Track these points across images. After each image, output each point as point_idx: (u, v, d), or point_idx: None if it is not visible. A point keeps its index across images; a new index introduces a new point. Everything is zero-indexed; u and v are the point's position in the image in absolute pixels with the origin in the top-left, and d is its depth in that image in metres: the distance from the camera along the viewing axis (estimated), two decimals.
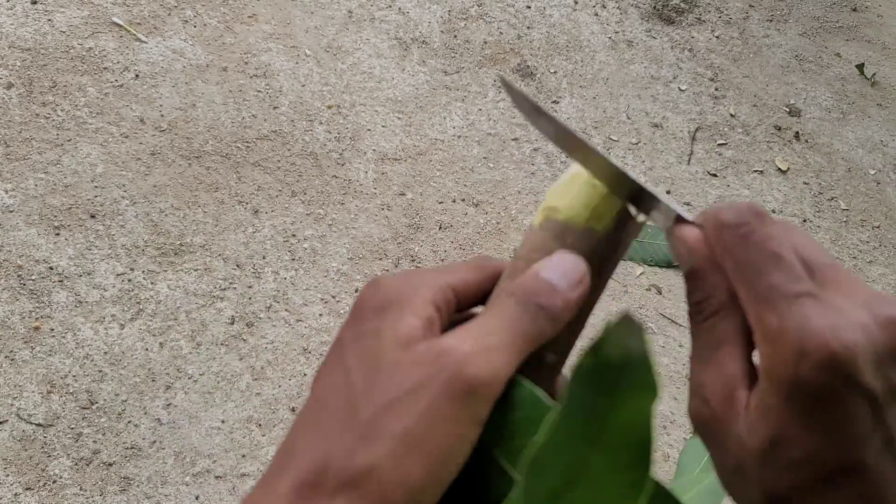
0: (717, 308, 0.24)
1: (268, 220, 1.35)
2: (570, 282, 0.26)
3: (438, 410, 0.22)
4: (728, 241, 0.24)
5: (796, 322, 0.21)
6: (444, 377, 0.22)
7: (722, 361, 0.24)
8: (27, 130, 1.35)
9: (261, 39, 1.60)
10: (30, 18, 1.48)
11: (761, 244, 0.23)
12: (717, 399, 0.23)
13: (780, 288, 0.22)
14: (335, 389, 0.24)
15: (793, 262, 0.23)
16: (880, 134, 1.81)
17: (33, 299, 1.17)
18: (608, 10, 1.92)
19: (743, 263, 0.23)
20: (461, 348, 0.22)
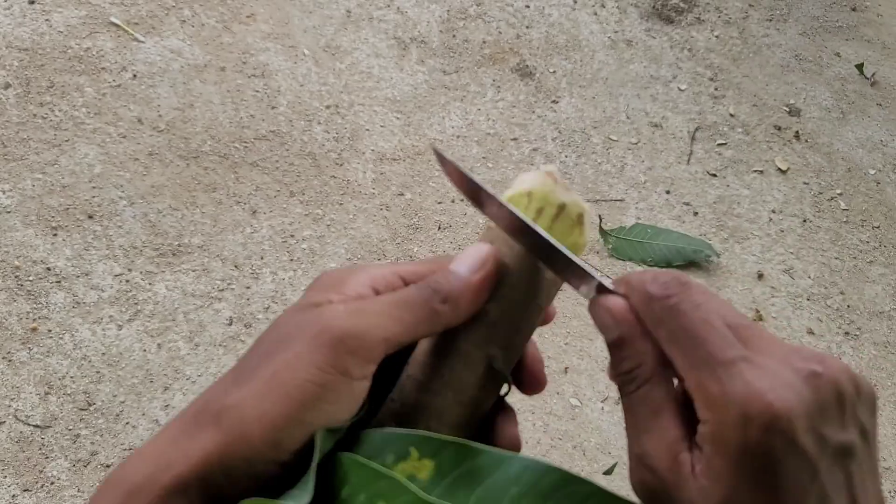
0: (649, 375, 0.25)
1: (266, 220, 1.35)
2: (470, 266, 0.27)
3: (303, 357, 0.23)
4: (658, 313, 0.25)
5: (737, 388, 0.22)
6: (313, 329, 0.24)
7: (663, 428, 0.24)
8: (24, 131, 1.34)
9: (259, 39, 1.60)
10: (27, 18, 1.48)
11: (691, 314, 0.24)
12: (664, 466, 0.24)
13: (717, 355, 0.23)
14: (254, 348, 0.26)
15: (723, 328, 0.24)
16: (880, 134, 1.81)
17: (31, 300, 1.17)
18: (607, 10, 1.91)
19: (676, 334, 0.24)
20: (336, 310, 0.24)
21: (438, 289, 0.26)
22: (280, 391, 0.23)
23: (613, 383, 0.28)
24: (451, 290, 0.26)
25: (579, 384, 1.26)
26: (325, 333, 0.23)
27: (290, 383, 0.23)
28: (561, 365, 1.28)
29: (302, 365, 0.23)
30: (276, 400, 0.23)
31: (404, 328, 0.25)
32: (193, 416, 0.24)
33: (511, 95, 1.68)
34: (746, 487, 0.22)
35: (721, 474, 0.22)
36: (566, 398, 1.24)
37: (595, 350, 1.31)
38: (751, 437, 0.22)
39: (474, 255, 0.27)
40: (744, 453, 0.22)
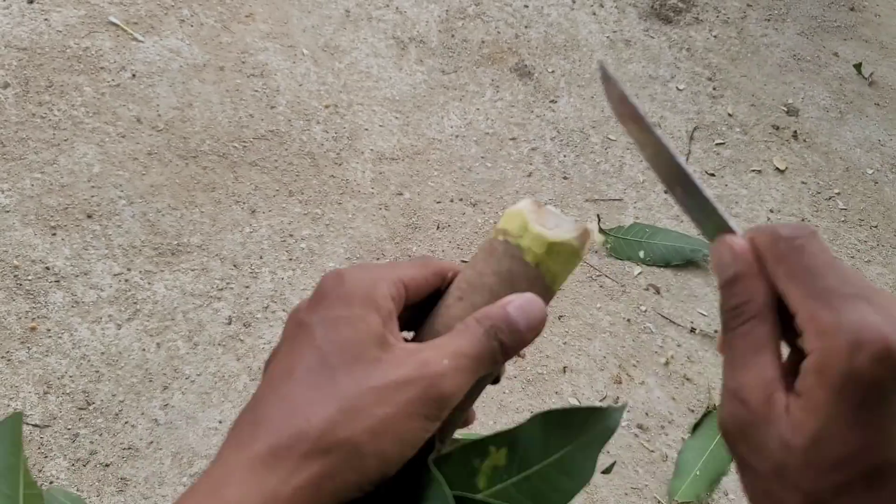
0: (755, 312, 0.26)
1: (265, 219, 1.35)
2: (530, 324, 0.29)
3: (415, 407, 0.25)
4: (784, 250, 0.26)
5: (853, 317, 0.22)
6: (424, 383, 0.25)
7: (761, 364, 0.25)
8: (23, 130, 1.34)
9: (258, 39, 1.60)
10: (26, 18, 1.48)
11: (816, 254, 0.25)
12: (757, 401, 0.24)
13: (837, 289, 0.24)
14: (309, 367, 0.26)
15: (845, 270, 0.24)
16: (878, 133, 1.81)
17: (30, 299, 1.17)
18: (606, 10, 1.91)
19: (798, 268, 0.25)
20: (440, 362, 0.26)
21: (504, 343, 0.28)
22: (397, 434, 0.25)
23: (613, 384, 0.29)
24: (512, 345, 0.28)
25: (578, 384, 1.27)
26: (434, 389, 0.25)
27: (405, 428, 0.25)
28: (559, 364, 1.28)
29: (414, 415, 0.25)
30: (393, 442, 0.25)
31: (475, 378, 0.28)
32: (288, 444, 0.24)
33: (510, 95, 1.68)
34: (844, 421, 0.22)
35: (819, 406, 0.22)
36: (565, 398, 1.25)
37: (594, 350, 1.31)
38: (859, 366, 0.22)
39: (535, 312, 0.29)
40: (848, 383, 0.22)
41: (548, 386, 1.25)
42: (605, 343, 1.33)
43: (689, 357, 1.35)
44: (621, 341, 1.34)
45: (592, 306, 1.38)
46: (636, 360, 1.32)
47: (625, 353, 1.32)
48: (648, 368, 1.31)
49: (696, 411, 1.28)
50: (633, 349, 1.33)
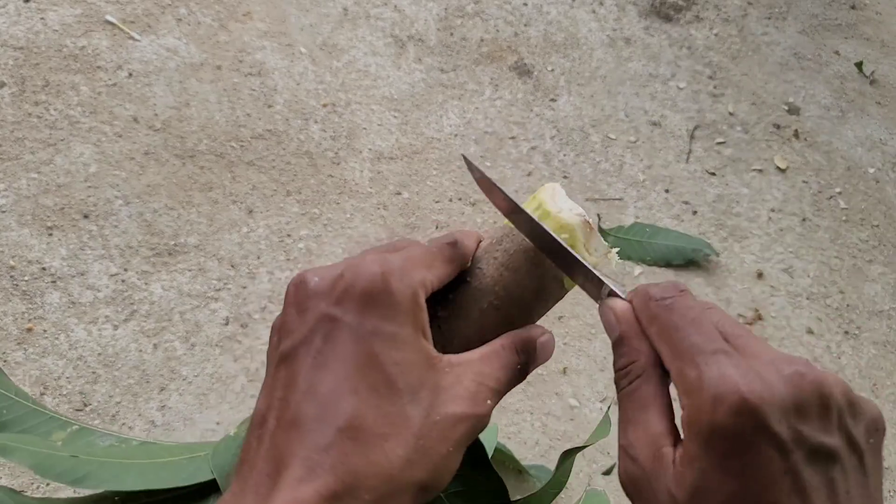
0: (640, 371, 0.27)
1: (262, 219, 1.34)
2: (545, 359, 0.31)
3: (465, 442, 0.26)
4: (654, 310, 0.27)
5: (713, 373, 0.24)
6: (474, 422, 0.26)
7: (648, 421, 0.26)
8: (19, 130, 1.33)
9: (255, 37, 1.59)
10: (22, 17, 1.47)
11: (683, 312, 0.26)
12: (646, 456, 0.26)
13: (699, 346, 0.25)
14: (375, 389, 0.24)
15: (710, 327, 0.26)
16: (879, 132, 1.81)
17: (26, 300, 1.16)
18: (606, 8, 1.91)
19: (666, 327, 0.26)
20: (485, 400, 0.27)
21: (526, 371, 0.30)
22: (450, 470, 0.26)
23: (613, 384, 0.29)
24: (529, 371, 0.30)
25: (578, 385, 1.26)
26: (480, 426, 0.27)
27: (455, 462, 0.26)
28: (560, 365, 1.27)
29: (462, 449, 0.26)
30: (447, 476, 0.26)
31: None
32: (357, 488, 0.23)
33: (509, 94, 1.67)
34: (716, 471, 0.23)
35: (693, 458, 0.24)
36: (565, 399, 1.24)
37: (594, 350, 1.31)
38: (720, 419, 0.23)
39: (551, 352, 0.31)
40: (713, 436, 0.23)
41: (548, 387, 1.24)
42: (606, 343, 1.32)
43: None
44: None
45: (593, 307, 1.37)
46: None
47: None
48: None
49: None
50: None
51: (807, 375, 0.23)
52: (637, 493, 0.26)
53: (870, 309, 1.47)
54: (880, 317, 1.47)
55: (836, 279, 1.51)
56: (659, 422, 0.26)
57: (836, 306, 1.47)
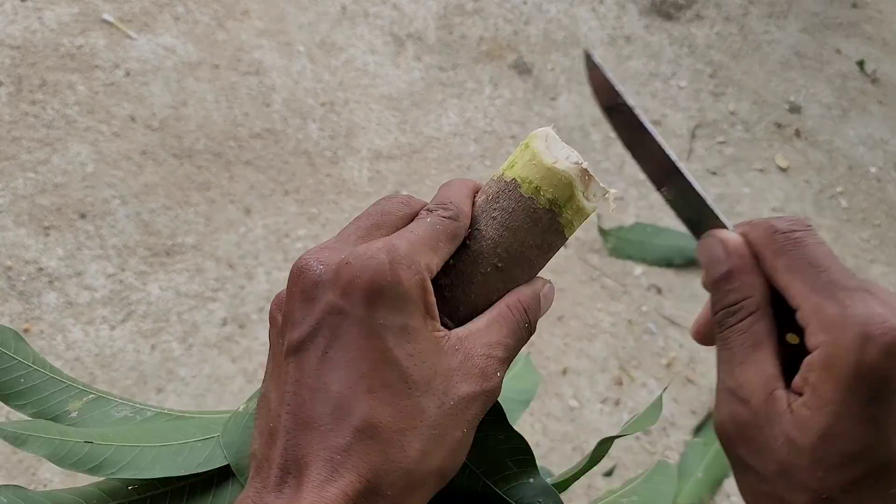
0: (754, 307, 0.25)
1: (260, 219, 1.33)
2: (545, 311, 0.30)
3: (477, 419, 0.25)
4: (782, 243, 0.25)
5: (859, 310, 0.22)
6: (486, 398, 0.26)
7: (761, 361, 0.24)
8: (16, 129, 1.33)
9: (253, 36, 1.58)
10: (19, 16, 1.46)
11: (815, 247, 0.24)
12: (759, 399, 0.23)
13: (841, 282, 0.23)
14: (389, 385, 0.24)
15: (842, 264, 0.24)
16: (881, 131, 1.80)
17: (23, 300, 1.16)
18: (606, 6, 1.90)
19: (798, 262, 0.24)
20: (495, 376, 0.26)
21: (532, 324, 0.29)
22: (465, 448, 0.25)
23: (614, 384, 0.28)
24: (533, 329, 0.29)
25: (578, 385, 1.25)
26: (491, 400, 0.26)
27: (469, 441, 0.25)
28: (560, 366, 1.26)
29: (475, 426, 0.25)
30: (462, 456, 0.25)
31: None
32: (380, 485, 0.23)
33: (509, 92, 1.67)
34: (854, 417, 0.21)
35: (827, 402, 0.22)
36: (565, 399, 1.23)
37: (594, 351, 1.30)
38: (869, 359, 0.21)
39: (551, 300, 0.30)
40: (858, 377, 0.21)
41: (548, 388, 1.23)
42: (607, 344, 1.31)
43: (692, 358, 1.33)
44: (622, 342, 1.32)
45: (593, 307, 1.36)
46: (637, 361, 1.30)
47: (626, 355, 1.31)
48: (650, 370, 1.29)
49: (697, 413, 1.26)
50: (634, 350, 1.31)
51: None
52: (743, 438, 0.24)
53: None
54: None
55: None
56: (771, 363, 0.24)
57: None
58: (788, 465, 0.22)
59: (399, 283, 0.25)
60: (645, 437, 1.21)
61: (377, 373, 0.24)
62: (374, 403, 0.23)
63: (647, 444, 1.21)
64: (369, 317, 0.24)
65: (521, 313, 0.28)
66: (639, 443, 1.21)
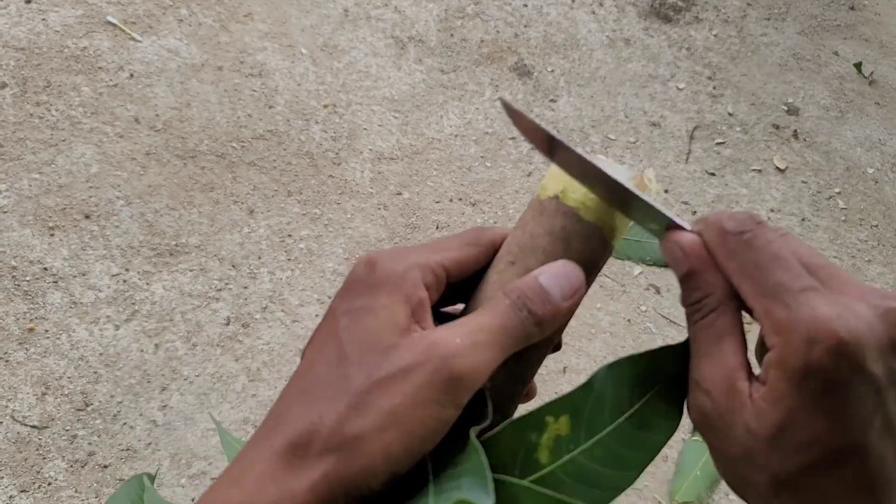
0: (715, 304, 0.26)
1: (263, 220, 1.35)
2: (565, 292, 0.27)
3: (423, 394, 0.24)
4: (732, 246, 0.26)
5: (805, 313, 0.23)
6: (432, 365, 0.24)
7: (723, 353, 0.25)
8: (21, 130, 1.34)
9: (256, 38, 1.60)
10: (24, 18, 1.47)
11: (764, 247, 0.25)
12: (720, 390, 0.25)
13: (786, 284, 0.24)
14: (328, 359, 0.25)
15: (793, 262, 0.25)
16: (878, 133, 1.81)
17: (28, 300, 1.17)
18: (605, 9, 1.91)
19: (748, 264, 0.25)
20: (451, 341, 0.24)
21: (535, 312, 0.26)
22: (403, 427, 0.23)
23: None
24: (545, 315, 0.27)
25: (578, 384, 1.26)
26: (444, 371, 0.24)
27: (413, 419, 0.24)
28: (559, 365, 1.28)
29: (423, 402, 0.24)
30: (400, 436, 0.23)
31: (505, 353, 0.26)
32: (303, 442, 0.24)
33: (509, 94, 1.68)
34: (805, 411, 0.23)
35: (782, 397, 0.23)
36: None
37: (594, 350, 1.31)
38: (815, 359, 0.22)
39: (569, 279, 0.27)
40: (806, 375, 0.23)
41: (548, 387, 1.24)
42: (606, 343, 1.32)
43: None
44: (621, 341, 1.33)
45: (592, 306, 1.37)
46: None
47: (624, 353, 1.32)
48: None
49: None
50: (633, 349, 1.32)
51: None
52: (708, 427, 0.25)
53: None
54: None
55: None
56: (734, 355, 0.25)
57: None
58: (749, 450, 0.24)
59: (373, 273, 0.26)
60: None
61: (322, 350, 0.26)
62: (313, 376, 0.25)
63: None
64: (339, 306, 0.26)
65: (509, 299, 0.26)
66: None
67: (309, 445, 0.23)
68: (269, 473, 0.23)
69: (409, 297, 0.26)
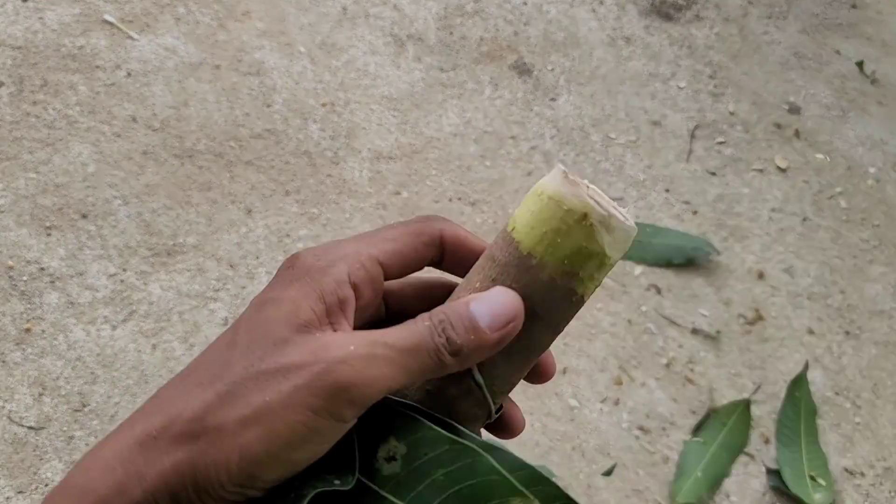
0: None
1: (261, 219, 1.34)
2: (495, 323, 0.24)
3: (299, 396, 0.21)
4: None
5: None
6: (315, 369, 0.22)
7: None
8: (17, 130, 1.33)
9: (254, 37, 1.59)
10: (20, 16, 1.47)
11: None
12: None
13: None
14: (217, 345, 0.24)
15: None
16: (880, 132, 1.80)
17: (24, 300, 1.16)
18: (606, 7, 1.90)
19: None
20: (344, 347, 0.22)
21: (453, 340, 0.24)
22: (267, 426, 0.21)
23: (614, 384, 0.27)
24: (466, 344, 0.24)
25: (578, 385, 1.25)
26: (328, 376, 0.22)
27: (281, 420, 0.21)
28: (560, 366, 1.27)
29: (297, 405, 0.21)
30: (262, 434, 0.21)
31: (409, 377, 0.23)
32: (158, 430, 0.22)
33: (509, 93, 1.67)
34: None
35: None
36: (565, 399, 1.23)
37: (594, 350, 1.30)
38: None
39: (501, 309, 0.25)
40: None
41: (548, 387, 1.24)
42: (606, 344, 1.32)
43: (691, 358, 1.33)
44: (622, 342, 1.33)
45: (593, 307, 1.36)
46: (637, 361, 1.31)
47: (626, 354, 1.31)
48: (649, 370, 1.30)
49: (697, 413, 1.27)
50: (634, 350, 1.32)
51: None
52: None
53: (871, 309, 1.47)
54: (881, 317, 1.46)
55: (837, 279, 1.50)
56: None
57: (836, 306, 1.46)
58: None
59: (292, 265, 0.25)
60: (644, 437, 1.22)
61: (225, 335, 0.24)
62: (198, 360, 0.24)
63: (647, 444, 1.21)
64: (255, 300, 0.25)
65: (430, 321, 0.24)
66: (638, 442, 1.21)
67: (167, 430, 0.22)
68: (119, 457, 0.22)
69: (323, 294, 0.24)
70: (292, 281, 0.24)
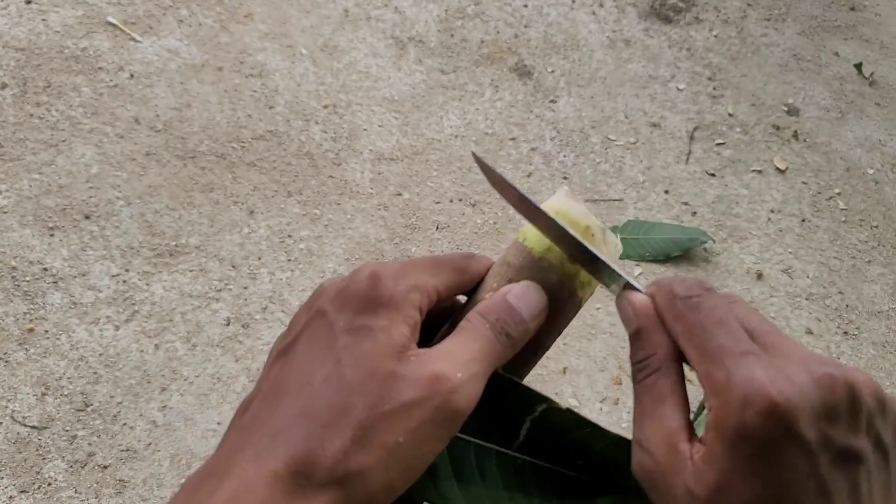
0: (658, 365, 0.27)
1: (263, 220, 1.35)
2: (533, 313, 0.29)
3: (425, 430, 0.25)
4: (679, 309, 0.27)
5: (742, 376, 0.24)
6: (435, 402, 0.25)
7: (664, 415, 0.26)
8: (21, 131, 1.34)
9: (256, 39, 1.60)
10: (24, 18, 1.47)
11: (709, 312, 0.26)
12: (661, 451, 0.25)
13: (727, 347, 0.25)
14: (326, 378, 0.25)
15: (736, 327, 0.26)
16: (879, 133, 1.81)
17: (27, 301, 1.17)
18: (605, 9, 1.91)
19: (693, 327, 0.26)
20: (451, 377, 0.25)
21: (511, 335, 0.28)
22: (405, 463, 0.24)
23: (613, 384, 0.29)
24: (519, 337, 0.28)
25: (578, 384, 1.26)
26: (447, 407, 0.25)
27: (415, 456, 0.25)
28: (560, 365, 1.28)
29: (425, 439, 0.25)
30: (402, 471, 0.24)
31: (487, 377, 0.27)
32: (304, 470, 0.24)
33: (509, 95, 1.68)
34: (740, 472, 0.23)
35: (718, 458, 0.24)
36: (565, 399, 1.24)
37: (594, 350, 1.31)
38: (748, 421, 0.23)
39: (535, 301, 0.29)
40: (740, 437, 0.23)
41: (548, 387, 1.24)
42: (606, 344, 1.32)
43: None
44: (622, 342, 1.33)
45: (593, 307, 1.37)
46: None
47: (625, 354, 1.32)
48: None
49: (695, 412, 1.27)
50: None
51: (837, 378, 0.23)
52: (651, 486, 0.26)
53: (869, 309, 1.48)
54: (879, 317, 1.47)
55: (836, 280, 1.51)
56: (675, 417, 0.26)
57: (835, 307, 1.47)
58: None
59: (376, 289, 0.26)
60: None
61: (320, 368, 0.25)
62: (310, 395, 0.25)
63: None
64: (338, 318, 0.26)
65: (489, 322, 0.27)
66: None
67: (311, 475, 0.23)
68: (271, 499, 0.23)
69: (407, 319, 0.26)
70: (378, 306, 0.26)
